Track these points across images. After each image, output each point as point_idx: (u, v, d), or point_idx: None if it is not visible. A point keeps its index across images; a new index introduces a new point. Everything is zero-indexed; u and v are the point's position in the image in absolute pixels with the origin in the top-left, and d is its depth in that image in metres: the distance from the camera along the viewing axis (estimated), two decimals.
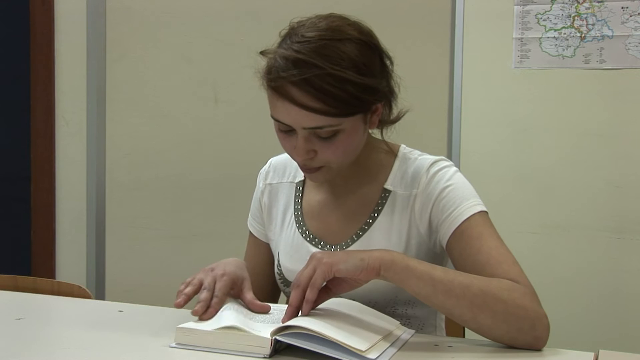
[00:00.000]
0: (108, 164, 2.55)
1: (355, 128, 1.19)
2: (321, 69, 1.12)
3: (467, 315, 1.08)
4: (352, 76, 1.13)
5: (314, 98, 1.12)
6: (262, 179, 1.43)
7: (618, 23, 2.15)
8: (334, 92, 1.12)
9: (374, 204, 1.29)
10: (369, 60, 1.18)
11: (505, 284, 1.10)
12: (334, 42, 1.15)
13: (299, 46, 1.14)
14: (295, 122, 1.16)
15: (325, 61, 1.12)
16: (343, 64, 1.13)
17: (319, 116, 1.14)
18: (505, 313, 1.07)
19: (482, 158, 2.28)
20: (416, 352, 1.08)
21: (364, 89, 1.15)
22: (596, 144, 2.20)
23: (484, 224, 1.20)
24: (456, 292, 1.07)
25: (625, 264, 2.19)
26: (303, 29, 1.17)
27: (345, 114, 1.15)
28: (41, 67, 2.64)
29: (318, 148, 1.18)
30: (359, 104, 1.16)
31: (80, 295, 1.51)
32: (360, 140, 1.23)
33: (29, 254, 2.70)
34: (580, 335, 2.18)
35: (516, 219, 2.26)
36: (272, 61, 1.17)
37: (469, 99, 2.27)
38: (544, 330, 1.09)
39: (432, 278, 1.08)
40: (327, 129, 1.16)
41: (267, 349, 1.02)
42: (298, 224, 1.34)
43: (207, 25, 2.47)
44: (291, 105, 1.14)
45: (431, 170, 1.26)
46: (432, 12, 2.29)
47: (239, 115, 2.45)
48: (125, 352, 1.08)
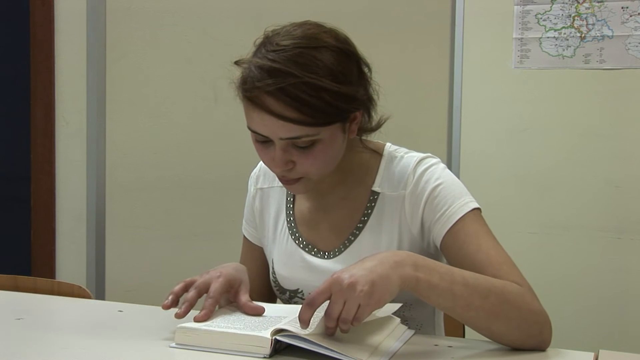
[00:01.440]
0: (108, 164, 2.55)
1: (333, 137, 1.16)
2: (297, 78, 1.09)
3: (483, 325, 1.08)
4: (329, 84, 1.11)
5: (290, 108, 1.10)
6: (253, 183, 1.42)
7: (618, 23, 2.15)
8: (310, 101, 1.10)
9: (363, 207, 1.28)
10: (346, 67, 1.16)
11: (516, 289, 1.10)
12: (310, 50, 1.13)
13: (274, 55, 1.12)
14: (271, 133, 1.14)
15: (300, 70, 1.10)
16: (319, 72, 1.11)
17: (295, 126, 1.11)
18: (519, 320, 1.07)
19: (482, 158, 2.28)
20: (416, 352, 1.08)
21: (341, 97, 1.13)
22: (596, 144, 2.20)
23: (478, 222, 1.19)
24: (475, 305, 1.06)
25: (625, 264, 2.19)
26: (278, 38, 1.15)
27: (323, 123, 1.13)
28: (41, 67, 2.64)
29: (296, 159, 1.16)
30: (337, 113, 1.14)
31: (80, 295, 1.50)
32: (339, 149, 1.21)
33: (29, 254, 2.70)
34: (580, 335, 2.18)
35: (516, 219, 2.26)
36: (246, 71, 1.15)
37: (469, 99, 2.27)
38: (550, 333, 1.10)
39: (453, 294, 1.05)
40: (305, 138, 1.13)
41: (267, 349, 1.02)
42: (291, 231, 1.33)
43: (207, 25, 2.46)
44: (267, 116, 1.12)
45: (418, 169, 1.24)
46: (432, 13, 2.29)
47: (239, 115, 2.44)
48: (125, 352, 1.08)
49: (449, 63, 2.28)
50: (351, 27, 1.29)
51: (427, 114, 2.27)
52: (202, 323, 1.11)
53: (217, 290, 1.16)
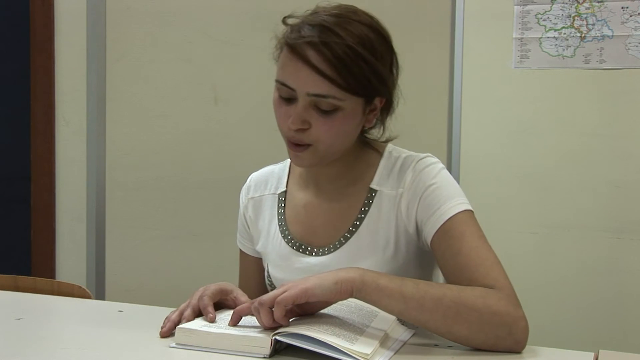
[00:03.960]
0: (108, 164, 2.55)
1: (354, 112, 1.19)
2: (342, 39, 1.14)
3: (442, 329, 1.07)
4: (369, 57, 1.16)
5: (329, 63, 1.14)
6: (245, 194, 1.43)
7: (618, 23, 2.15)
8: (348, 63, 1.14)
9: (360, 204, 1.28)
10: (385, 51, 1.21)
11: (478, 292, 1.08)
12: (359, 24, 1.18)
13: (324, 16, 1.18)
14: (301, 86, 1.16)
15: (347, 34, 1.15)
16: (364, 44, 1.16)
17: (327, 83, 1.14)
18: (480, 322, 1.06)
19: (482, 158, 2.28)
20: (416, 352, 1.08)
21: (375, 74, 1.17)
22: (596, 144, 2.20)
23: (467, 223, 1.18)
24: (428, 306, 1.05)
25: (625, 264, 2.19)
26: (329, 7, 1.21)
27: (352, 90, 1.16)
28: (41, 67, 2.64)
29: (314, 121, 1.18)
30: (367, 86, 1.17)
31: (80, 295, 1.51)
32: (353, 129, 1.22)
33: (29, 254, 2.70)
34: (580, 335, 2.18)
35: (516, 219, 2.26)
36: (296, 25, 1.19)
37: (469, 99, 2.27)
38: (522, 334, 1.08)
39: (403, 295, 1.05)
40: (330, 100, 1.16)
41: (267, 349, 1.02)
42: (283, 234, 1.33)
43: (207, 25, 2.46)
44: (304, 66, 1.15)
45: (417, 168, 1.25)
46: (432, 12, 2.29)
47: (239, 115, 2.45)
48: (125, 352, 1.08)
49: (449, 63, 2.28)
50: None
51: (427, 114, 2.27)
52: (202, 323, 1.11)
53: (210, 293, 1.18)
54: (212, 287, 1.20)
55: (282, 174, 1.40)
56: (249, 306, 1.07)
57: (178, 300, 1.22)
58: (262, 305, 1.03)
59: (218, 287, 1.21)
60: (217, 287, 1.20)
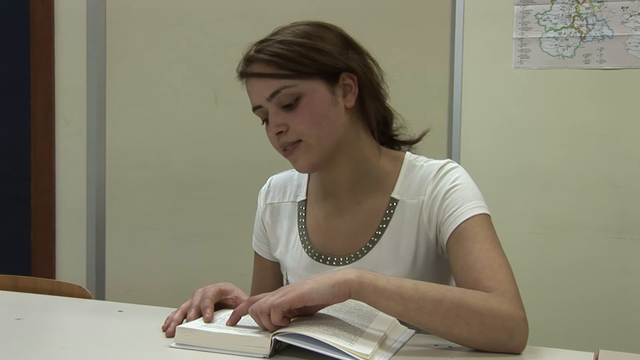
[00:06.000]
0: (108, 164, 2.55)
1: (317, 94, 1.21)
2: (273, 40, 1.21)
3: (442, 330, 1.06)
4: (301, 40, 1.20)
5: (266, 63, 1.19)
6: (263, 198, 1.43)
7: (618, 23, 2.15)
8: (282, 53, 1.19)
9: (382, 214, 1.27)
10: (323, 32, 1.24)
11: (479, 295, 1.08)
12: (292, 27, 1.23)
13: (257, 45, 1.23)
14: (259, 97, 1.21)
15: (279, 36, 1.22)
16: (294, 34, 1.21)
17: (274, 80, 1.19)
18: (481, 325, 1.05)
19: (482, 158, 2.28)
20: (416, 352, 1.08)
21: (314, 50, 1.20)
22: (596, 144, 2.20)
23: (481, 226, 1.18)
24: (428, 308, 1.05)
25: (625, 264, 2.19)
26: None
27: (297, 72, 1.19)
28: (41, 67, 2.64)
29: (288, 120, 1.21)
30: (309, 65, 1.20)
31: (80, 295, 1.51)
32: (331, 112, 1.22)
33: (29, 254, 2.70)
34: (580, 335, 2.18)
35: (516, 218, 2.26)
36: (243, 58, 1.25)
37: (469, 99, 2.27)
38: (523, 337, 1.07)
39: (402, 297, 1.05)
40: (284, 92, 1.19)
41: (267, 349, 1.02)
42: (304, 244, 1.33)
43: (207, 25, 2.46)
44: (253, 80, 1.22)
45: (439, 175, 1.25)
46: (432, 12, 2.29)
47: (239, 115, 2.44)
48: (125, 352, 1.08)
49: (449, 63, 2.27)
50: (351, 27, 1.29)
51: (427, 114, 2.27)
52: (202, 323, 1.11)
53: (211, 294, 1.18)
54: (212, 288, 1.20)
55: (302, 181, 1.39)
56: (247, 306, 1.07)
57: (178, 300, 1.22)
58: (262, 312, 1.03)
59: (218, 287, 1.21)
60: (217, 288, 1.21)
